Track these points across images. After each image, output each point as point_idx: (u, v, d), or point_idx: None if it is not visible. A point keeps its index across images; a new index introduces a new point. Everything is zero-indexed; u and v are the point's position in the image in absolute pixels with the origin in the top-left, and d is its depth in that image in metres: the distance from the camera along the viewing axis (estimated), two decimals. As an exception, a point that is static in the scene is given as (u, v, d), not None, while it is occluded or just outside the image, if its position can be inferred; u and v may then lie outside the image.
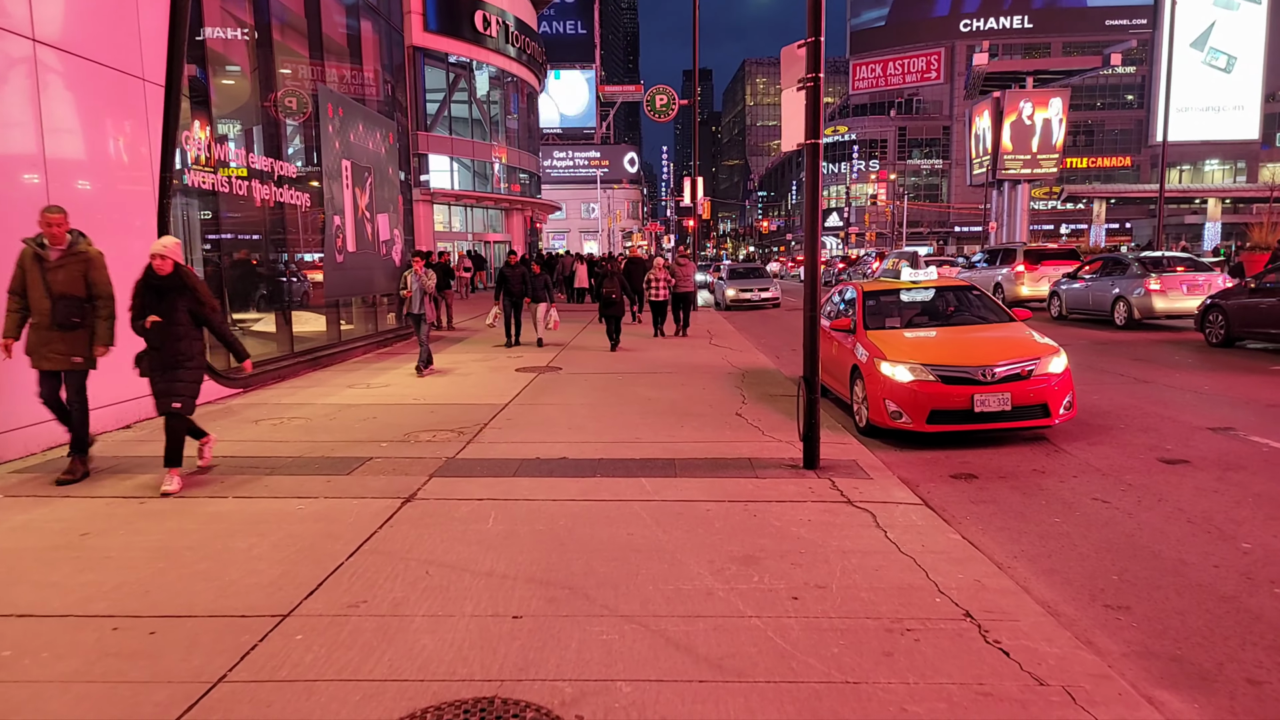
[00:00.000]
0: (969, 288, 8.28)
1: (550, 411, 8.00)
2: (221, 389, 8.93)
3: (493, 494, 5.18)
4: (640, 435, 6.90)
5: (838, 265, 38.36)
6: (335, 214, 12.44)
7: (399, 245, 15.71)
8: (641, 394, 8.96)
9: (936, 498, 5.32)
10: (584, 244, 63.07)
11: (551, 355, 12.53)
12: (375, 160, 14.32)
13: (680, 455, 6.17)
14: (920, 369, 6.66)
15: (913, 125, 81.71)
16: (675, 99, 23.68)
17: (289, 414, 7.86)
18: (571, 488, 5.32)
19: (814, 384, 5.72)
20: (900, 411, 6.67)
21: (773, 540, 4.31)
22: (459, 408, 8.22)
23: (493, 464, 5.94)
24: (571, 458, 6.12)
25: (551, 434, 6.98)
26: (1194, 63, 69.30)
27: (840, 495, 5.11)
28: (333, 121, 12.43)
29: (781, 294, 24.88)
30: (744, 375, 10.26)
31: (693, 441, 6.63)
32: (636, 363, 11.58)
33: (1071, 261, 18.84)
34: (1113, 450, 6.40)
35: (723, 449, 6.37)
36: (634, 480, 5.49)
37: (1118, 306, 14.63)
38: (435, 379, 10.28)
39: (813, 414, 5.69)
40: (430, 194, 33.95)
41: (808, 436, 5.71)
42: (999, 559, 4.24)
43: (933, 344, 7.21)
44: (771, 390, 9.11)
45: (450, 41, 34.90)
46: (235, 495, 5.20)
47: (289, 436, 6.92)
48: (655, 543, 4.29)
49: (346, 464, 5.95)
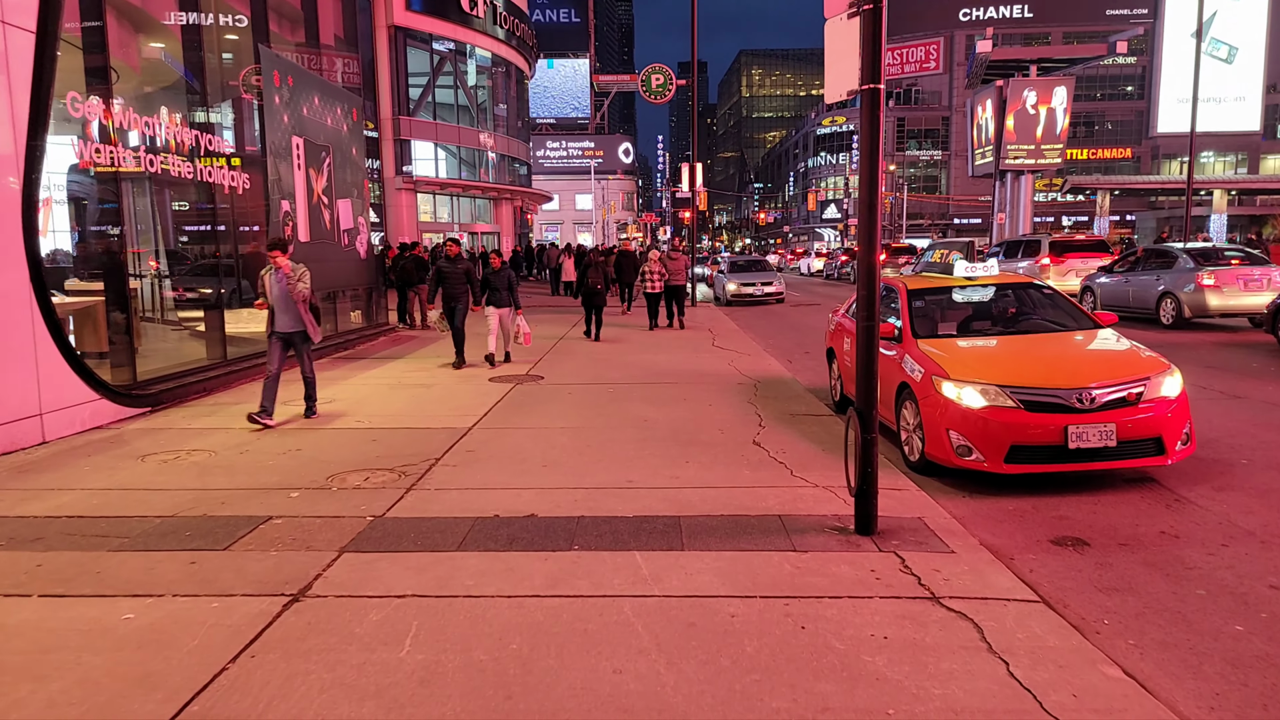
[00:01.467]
0: (1038, 285, 6.75)
1: (523, 439, 6.44)
2: (124, 409, 7.34)
3: (421, 586, 3.63)
4: (634, 475, 5.35)
5: (840, 258, 36.83)
6: (284, 198, 10.81)
7: (365, 235, 14.09)
8: (636, 412, 7.42)
9: (1049, 584, 3.79)
10: (578, 236, 61.41)
11: (532, 361, 10.96)
12: (335, 139, 12.68)
13: (688, 509, 4.63)
14: (996, 392, 5.13)
15: (911, 116, 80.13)
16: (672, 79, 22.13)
17: (191, 445, 6.28)
18: (537, 572, 3.78)
19: (871, 419, 4.18)
20: (969, 446, 5.14)
21: (840, 686, 2.77)
22: (410, 434, 6.65)
23: (434, 527, 4.39)
24: (543, 515, 4.57)
25: (521, 473, 5.43)
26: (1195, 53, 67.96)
27: (919, 585, 3.58)
28: (280, 91, 10.78)
29: (785, 288, 23.34)
30: (756, 386, 8.73)
31: (703, 486, 5.09)
32: (631, 369, 10.03)
33: (1101, 254, 17.36)
34: (1253, 500, 4.89)
35: (743, 497, 4.84)
36: (625, 555, 3.95)
37: (1164, 304, 13.14)
38: (389, 393, 8.70)
39: (869, 460, 4.16)
40: (413, 182, 32.20)
41: (862, 491, 4.17)
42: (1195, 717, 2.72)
43: (1005, 358, 5.67)
44: (792, 408, 7.57)
45: (434, 21, 33.06)
46: (42, 593, 3.62)
47: (174, 482, 5.34)
48: (657, 695, 2.74)
49: (231, 529, 4.38)
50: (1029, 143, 47.13)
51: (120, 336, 7.98)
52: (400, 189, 31.66)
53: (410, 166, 32.55)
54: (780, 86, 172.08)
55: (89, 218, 8.59)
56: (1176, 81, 68.81)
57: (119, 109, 7.77)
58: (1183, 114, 68.10)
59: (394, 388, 8.92)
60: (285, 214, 10.89)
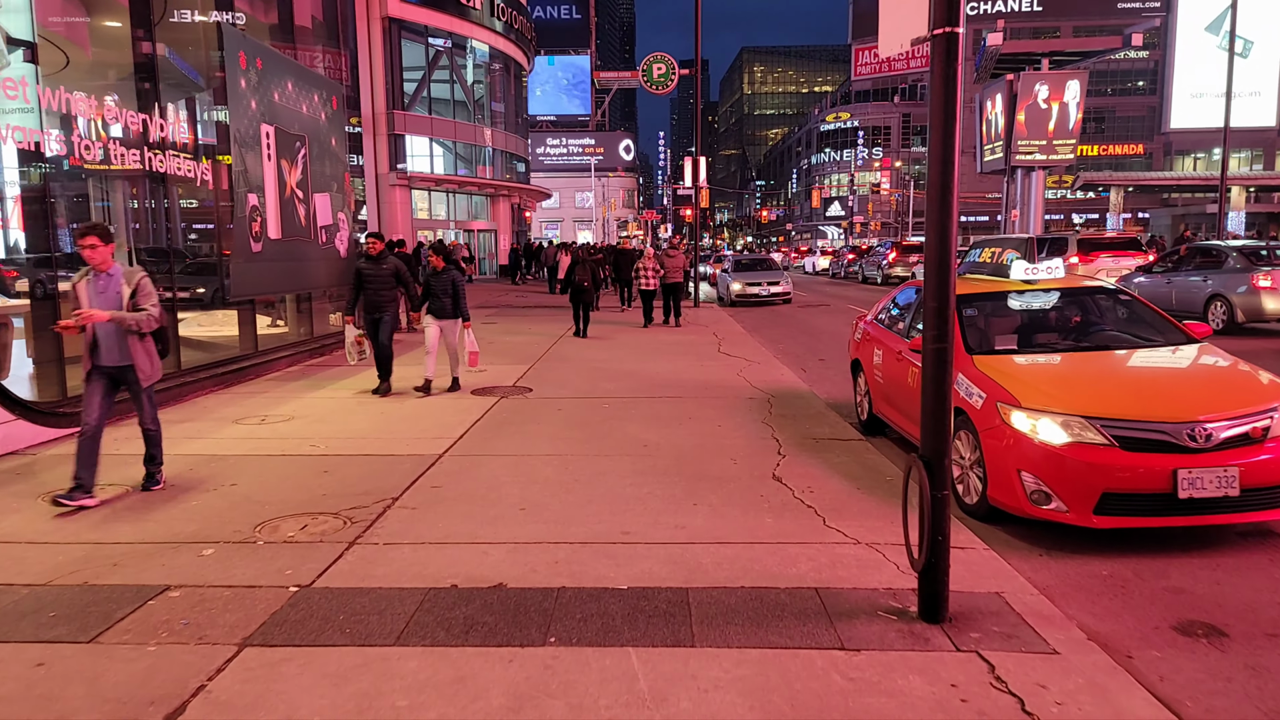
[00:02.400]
0: (1112, 289, 5.72)
1: (500, 470, 5.45)
2: (46, 430, 6.36)
3: (336, 709, 2.64)
4: (631, 523, 4.36)
5: (847, 256, 35.77)
6: (251, 191, 9.82)
7: (345, 232, 13.10)
8: (635, 434, 6.42)
9: (1195, 703, 2.79)
10: (578, 234, 60.41)
11: (521, 369, 9.97)
12: (312, 128, 11.69)
13: (698, 576, 3.64)
14: (1081, 424, 4.12)
15: (917, 111, 78.99)
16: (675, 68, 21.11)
17: (110, 477, 5.29)
18: (496, 684, 2.78)
19: (943, 472, 3.18)
20: (1047, 492, 4.14)
21: None
22: (369, 464, 5.66)
23: (372, 604, 3.40)
24: (513, 585, 3.58)
25: (492, 520, 4.44)
26: (1209, 47, 66.72)
27: (1022, 712, 2.58)
28: (246, 74, 9.78)
29: (793, 288, 22.30)
30: (770, 401, 7.73)
31: (715, 540, 4.10)
32: (629, 380, 9.03)
33: (1133, 252, 16.35)
34: None
35: (767, 559, 3.84)
36: (617, 655, 2.95)
37: (1213, 307, 12.11)
38: (356, 409, 7.71)
39: (941, 523, 3.16)
40: (407, 178, 31.20)
41: (931, 567, 3.17)
42: None
43: (1087, 380, 4.66)
44: (813, 429, 6.57)
45: (430, 13, 32.04)
46: None
47: (68, 531, 4.35)
48: None
49: (110, 608, 3.39)
50: (1041, 138, 46.05)
51: (50, 347, 7.00)
52: (395, 185, 30.68)
53: (405, 164, 31.56)
54: (782, 83, 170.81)
55: (12, 211, 7.62)
56: (1189, 76, 67.62)
57: (50, 88, 6.78)
58: (1196, 109, 66.92)
59: (363, 402, 7.92)
60: (253, 209, 9.91)
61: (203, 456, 5.83)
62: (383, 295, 8.27)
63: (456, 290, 8.24)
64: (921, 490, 3.18)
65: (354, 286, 8.32)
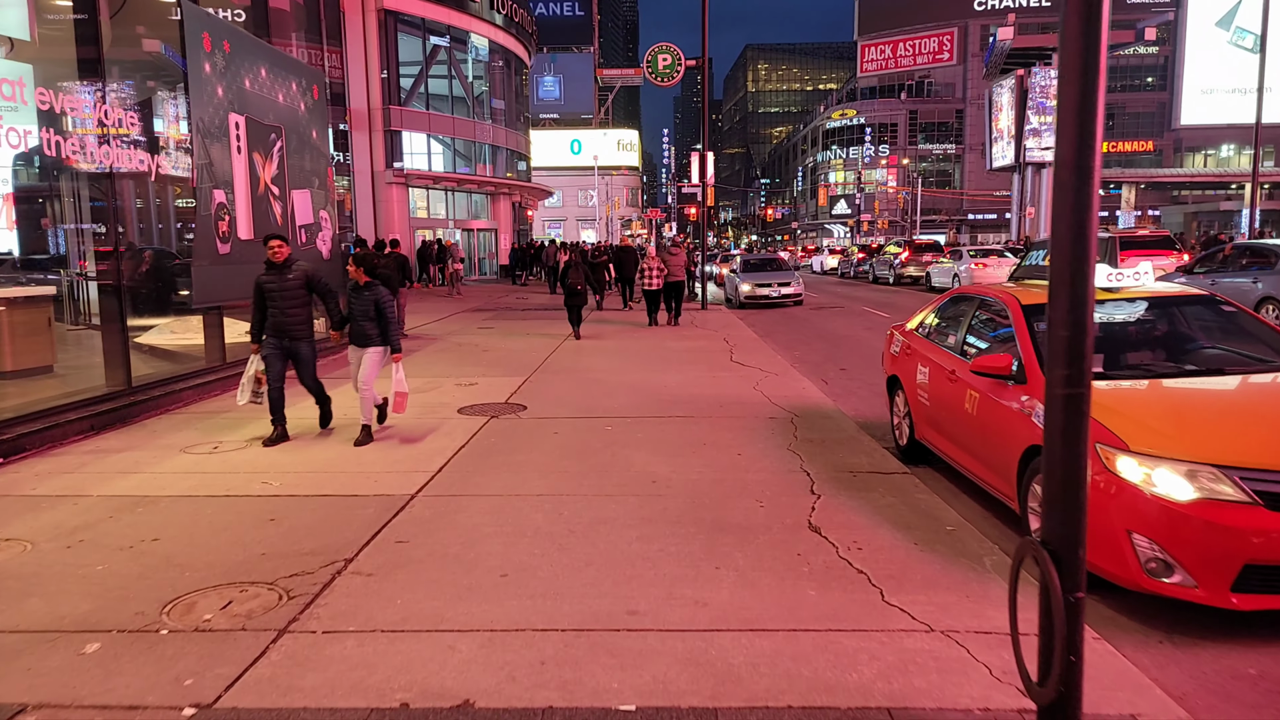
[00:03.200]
0: (1212, 299, 4.81)
1: (481, 517, 4.55)
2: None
3: None
4: (639, 598, 3.47)
5: (858, 255, 34.83)
6: (218, 187, 8.95)
7: (328, 231, 12.23)
8: (641, 466, 5.53)
9: None
10: (581, 232, 59.51)
11: (517, 382, 9.08)
12: (289, 119, 10.81)
13: (729, 690, 2.74)
14: (1212, 475, 3.23)
15: (924, 108, 77.94)
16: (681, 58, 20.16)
17: (12, 527, 4.40)
18: None
19: (1078, 567, 2.27)
20: (1169, 562, 3.24)
21: None
22: (328, 506, 4.77)
23: (289, 738, 2.51)
24: (484, 705, 2.68)
25: (465, 594, 3.54)
26: (1220, 42, 65.62)
27: None
28: (211, 58, 8.91)
29: (804, 289, 21.39)
30: (793, 421, 6.83)
31: (747, 626, 3.20)
32: (634, 394, 8.13)
33: (1166, 251, 15.42)
34: None
35: (818, 660, 2.94)
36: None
37: (1264, 310, 11.18)
38: (324, 435, 6.82)
39: (1076, 640, 2.25)
40: (404, 175, 30.30)
41: (1063, 700, 2.27)
42: None
43: (1211, 416, 3.74)
44: (848, 459, 5.66)
45: (428, 5, 31.14)
46: None
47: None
48: None
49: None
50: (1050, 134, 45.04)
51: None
52: (391, 183, 29.81)
53: (402, 161, 30.69)
54: (787, 81, 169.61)
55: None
56: (1200, 72, 66.47)
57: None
58: (1206, 105, 65.80)
59: (335, 425, 7.01)
60: (220, 206, 9.04)
61: (129, 499, 4.93)
62: (290, 315, 6.34)
63: (381, 313, 6.37)
64: (1049, 593, 2.27)
65: (254, 305, 6.41)
